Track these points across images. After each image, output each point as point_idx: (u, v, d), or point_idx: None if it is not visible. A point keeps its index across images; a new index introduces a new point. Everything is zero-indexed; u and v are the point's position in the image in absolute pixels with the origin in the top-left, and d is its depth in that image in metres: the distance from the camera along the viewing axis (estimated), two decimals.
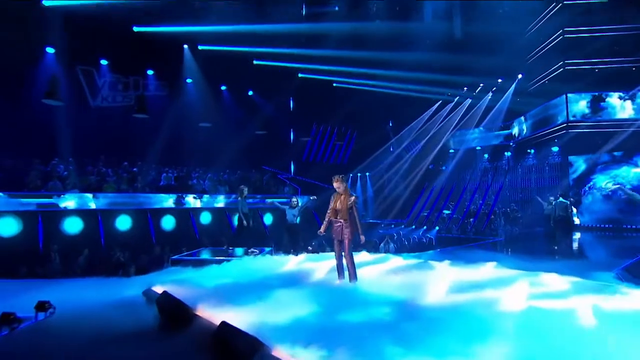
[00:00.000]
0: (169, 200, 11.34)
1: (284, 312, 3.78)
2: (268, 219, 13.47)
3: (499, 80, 15.59)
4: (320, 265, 5.95)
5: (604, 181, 14.33)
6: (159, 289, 4.95)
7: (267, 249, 8.23)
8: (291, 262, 6.43)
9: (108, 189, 10.68)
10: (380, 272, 5.61)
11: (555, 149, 15.73)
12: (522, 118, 16.15)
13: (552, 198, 9.30)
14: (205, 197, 12.25)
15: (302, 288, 4.68)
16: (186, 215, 11.69)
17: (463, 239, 13.49)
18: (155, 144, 12.21)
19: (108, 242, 9.73)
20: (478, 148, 17.92)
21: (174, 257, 7.57)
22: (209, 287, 4.84)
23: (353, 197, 4.75)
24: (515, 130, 16.75)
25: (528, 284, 4.79)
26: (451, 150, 18.56)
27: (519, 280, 4.85)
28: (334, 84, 15.80)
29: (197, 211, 12.02)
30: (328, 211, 4.85)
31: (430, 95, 15.57)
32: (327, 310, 3.91)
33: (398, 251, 10.60)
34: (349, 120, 17.20)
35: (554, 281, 5.05)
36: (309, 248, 10.12)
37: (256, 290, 4.48)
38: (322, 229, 4.83)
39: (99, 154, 11.99)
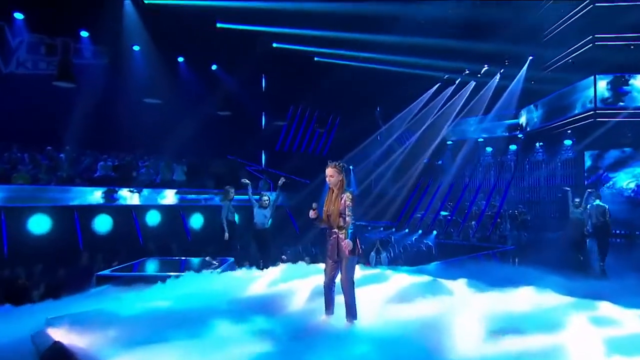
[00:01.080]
0: (94, 194, 10.14)
1: None
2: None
3: (506, 62, 14.95)
4: (299, 286, 5.20)
5: (625, 180, 13.96)
6: (54, 333, 3.62)
7: (230, 260, 7.59)
8: (260, 281, 5.64)
9: (18, 180, 9.24)
10: (381, 299, 4.79)
11: (568, 142, 15.23)
12: (533, 106, 15.66)
13: (577, 200, 8.69)
14: (146, 191, 11.04)
15: (269, 323, 4.01)
16: (127, 215, 10.70)
17: (466, 246, 13.00)
18: (90, 124, 11.05)
19: (12, 252, 8.40)
20: (480, 140, 17.37)
21: (100, 272, 6.45)
22: (132, 325, 3.80)
23: (346, 195, 3.97)
24: (522, 120, 16.20)
25: (587, 319, 3.98)
26: (449, 142, 17.98)
27: (572, 314, 4.07)
28: (315, 58, 14.90)
29: (141, 210, 11.08)
30: (319, 225, 4.19)
31: (430, 73, 14.76)
32: None
33: (392, 262, 9.90)
34: (332, 103, 16.61)
35: (624, 316, 4.18)
36: (283, 257, 9.40)
37: (198, 328, 3.75)
38: (311, 214, 4.00)
39: (11, 136, 10.67)
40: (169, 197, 11.75)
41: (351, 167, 17.12)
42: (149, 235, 10.83)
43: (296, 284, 5.32)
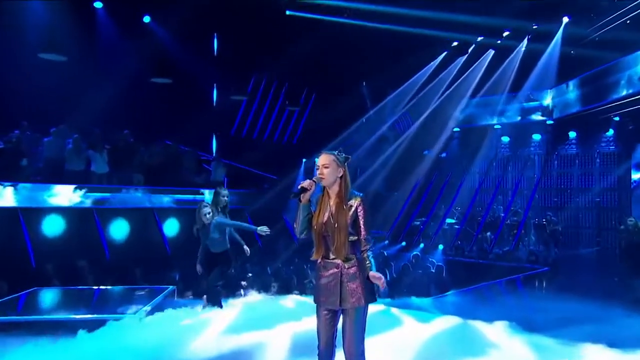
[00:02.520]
0: None
1: None
2: (171, 227, 12.43)
3: (534, 26, 14.51)
4: (270, 337, 5.01)
5: None
6: None
7: (170, 289, 7.38)
8: (212, 328, 5.37)
9: None
10: None
11: (609, 132, 15.01)
12: (565, 85, 15.29)
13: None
14: (39, 187, 10.41)
15: None
16: (11, 221, 9.85)
17: (484, 266, 12.61)
18: None
19: None
20: (497, 127, 17.01)
21: None
22: None
23: (357, 201, 3.51)
24: (550, 102, 15.94)
25: None
26: (455, 130, 17.55)
27: None
28: (287, 11, 14.29)
29: (32, 214, 10.20)
30: (299, 227, 3.58)
31: (437, 33, 14.17)
32: None
33: (392, 289, 9.20)
34: (308, 74, 16.22)
35: None
36: (243, 284, 8.93)
37: None
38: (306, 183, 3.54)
39: None
40: (76, 195, 11.08)
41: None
42: (46, 250, 10.07)
43: (262, 335, 5.06)
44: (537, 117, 16.36)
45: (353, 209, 3.43)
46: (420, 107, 16.96)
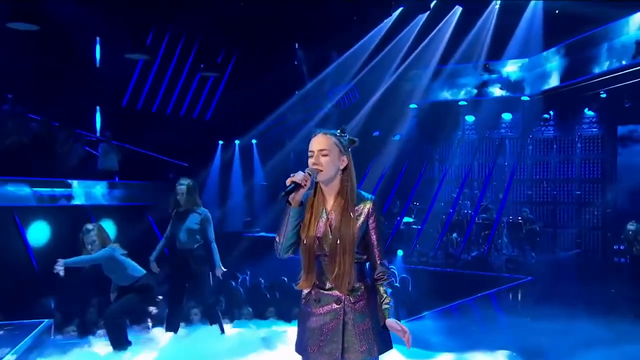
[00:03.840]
0: None
1: None
2: (38, 233, 12.16)
3: None
4: None
5: None
6: None
7: (44, 324, 7.16)
8: None
9: None
10: None
11: (590, 112, 15.54)
12: (545, 54, 15.44)
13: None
14: None
15: None
16: None
17: (456, 276, 12.67)
18: None
19: None
20: (462, 103, 16.99)
21: None
22: None
23: (368, 205, 3.27)
24: (519, 75, 16.12)
25: None
26: (412, 106, 17.39)
27: None
28: None
29: None
30: (283, 242, 3.28)
31: None
32: None
33: None
34: (227, 29, 16.08)
35: None
36: (151, 311, 8.61)
37: None
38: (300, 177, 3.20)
39: None
40: None
41: (254, 141, 18.06)
42: None
43: None
44: (503, 92, 16.52)
45: (362, 217, 3.15)
46: (370, 79, 16.79)
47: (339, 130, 3.31)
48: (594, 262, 14.53)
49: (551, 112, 16.31)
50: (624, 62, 13.27)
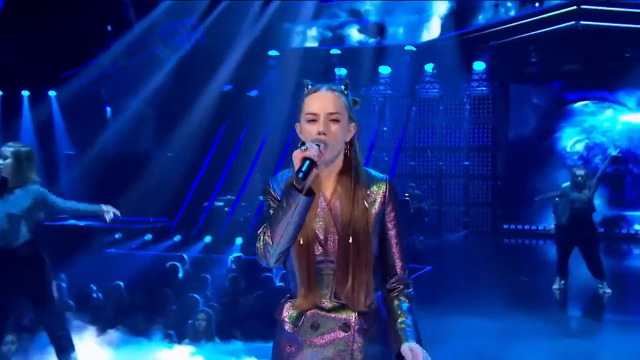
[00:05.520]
0: None
1: None
2: None
3: None
4: None
5: (572, 138, 14.92)
6: None
7: None
8: None
9: None
10: None
11: (480, 66, 14.77)
12: None
13: (580, 174, 8.81)
14: None
15: None
16: None
17: None
18: None
19: None
20: (335, 51, 15.81)
21: None
22: None
23: (381, 189, 2.52)
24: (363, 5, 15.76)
25: None
26: (272, 53, 16.02)
27: None
28: None
29: None
30: (280, 244, 2.43)
31: None
32: None
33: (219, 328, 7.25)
34: None
35: None
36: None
37: None
38: (311, 153, 2.33)
39: None
40: None
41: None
42: None
43: None
44: (383, 40, 16.15)
45: (377, 205, 2.44)
46: (219, 15, 15.04)
47: (343, 86, 2.53)
48: (484, 244, 14.40)
49: (432, 64, 15.52)
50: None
